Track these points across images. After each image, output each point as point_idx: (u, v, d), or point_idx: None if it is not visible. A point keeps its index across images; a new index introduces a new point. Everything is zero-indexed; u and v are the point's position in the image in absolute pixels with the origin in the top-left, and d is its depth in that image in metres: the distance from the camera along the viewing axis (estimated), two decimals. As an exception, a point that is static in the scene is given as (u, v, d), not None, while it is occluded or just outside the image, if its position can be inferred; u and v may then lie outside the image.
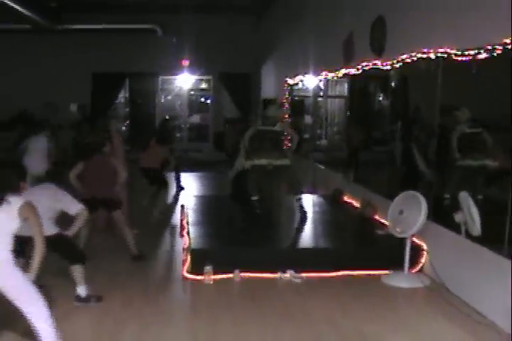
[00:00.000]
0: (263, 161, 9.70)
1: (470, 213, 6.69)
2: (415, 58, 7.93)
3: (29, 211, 4.75)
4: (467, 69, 6.78)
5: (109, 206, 8.32)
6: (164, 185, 11.83)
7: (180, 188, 14.37)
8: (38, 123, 13.83)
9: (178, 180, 14.40)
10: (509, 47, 5.78)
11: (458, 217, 6.92)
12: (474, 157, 7.46)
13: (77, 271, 6.51)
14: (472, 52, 6.44)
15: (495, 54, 5.99)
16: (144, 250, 8.57)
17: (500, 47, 5.90)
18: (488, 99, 6.97)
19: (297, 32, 15.56)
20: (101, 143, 8.64)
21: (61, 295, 6.53)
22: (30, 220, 4.75)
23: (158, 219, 11.07)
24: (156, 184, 11.63)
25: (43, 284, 5.88)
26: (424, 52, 7.66)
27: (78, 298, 6.54)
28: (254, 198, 9.86)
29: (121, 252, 8.40)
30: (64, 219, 6.66)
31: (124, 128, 22.75)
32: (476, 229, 6.62)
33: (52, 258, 5.66)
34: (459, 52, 6.77)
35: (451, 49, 6.97)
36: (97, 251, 8.32)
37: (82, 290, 6.53)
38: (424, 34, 7.94)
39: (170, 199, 13.35)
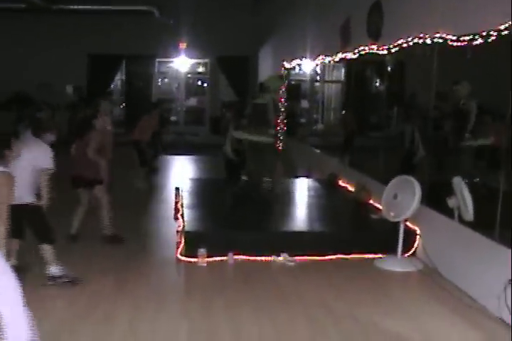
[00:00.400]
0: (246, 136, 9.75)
1: (463, 198, 6.73)
2: (411, 43, 7.94)
3: (3, 182, 4.70)
4: (463, 55, 6.80)
5: (92, 183, 8.25)
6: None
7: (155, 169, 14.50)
8: (36, 104, 13.89)
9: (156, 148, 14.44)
10: (504, 33, 5.80)
11: (451, 202, 6.97)
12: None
13: (47, 250, 6.54)
14: (467, 38, 6.44)
15: (490, 40, 6.00)
16: (136, 232, 8.62)
17: (495, 33, 5.91)
18: (484, 84, 7.00)
19: (295, 16, 15.52)
20: (90, 116, 8.55)
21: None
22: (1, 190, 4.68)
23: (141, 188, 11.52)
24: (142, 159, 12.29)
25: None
26: (420, 37, 7.67)
27: (50, 278, 6.56)
28: (244, 178, 9.89)
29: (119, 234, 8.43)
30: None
31: (119, 109, 22.72)
32: (469, 214, 6.66)
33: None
34: (455, 38, 6.78)
35: (448, 34, 6.98)
36: (94, 233, 8.35)
37: (53, 270, 6.56)
38: (421, 19, 7.94)
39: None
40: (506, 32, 5.76)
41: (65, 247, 7.56)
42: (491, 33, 5.99)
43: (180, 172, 14.35)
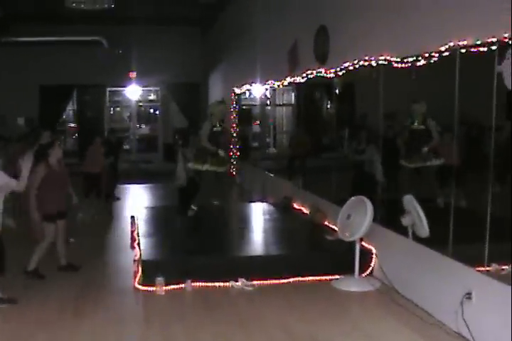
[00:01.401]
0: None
1: (418, 214, 6.82)
2: (357, 66, 8.09)
3: None
4: (407, 76, 6.97)
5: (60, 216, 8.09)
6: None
7: (116, 198, 14.42)
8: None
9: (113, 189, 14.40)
10: (444, 54, 5.98)
11: (405, 220, 7.06)
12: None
13: None
14: (411, 59, 6.61)
15: (432, 61, 6.17)
16: (93, 262, 8.54)
17: (437, 55, 6.09)
18: (430, 103, 7.16)
19: (243, 42, 15.69)
20: (46, 145, 8.39)
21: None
22: None
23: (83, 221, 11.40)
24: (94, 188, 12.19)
25: None
26: (365, 60, 7.83)
27: None
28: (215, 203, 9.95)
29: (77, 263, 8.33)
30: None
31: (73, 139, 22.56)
32: (425, 230, 6.75)
33: None
34: (399, 60, 6.95)
35: (392, 56, 7.14)
36: (51, 261, 8.23)
37: None
38: (366, 42, 8.12)
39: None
40: (447, 53, 5.94)
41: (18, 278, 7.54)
42: (433, 54, 6.17)
43: (136, 201, 14.26)
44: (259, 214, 11.33)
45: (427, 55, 6.31)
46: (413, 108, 7.53)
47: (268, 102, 14.48)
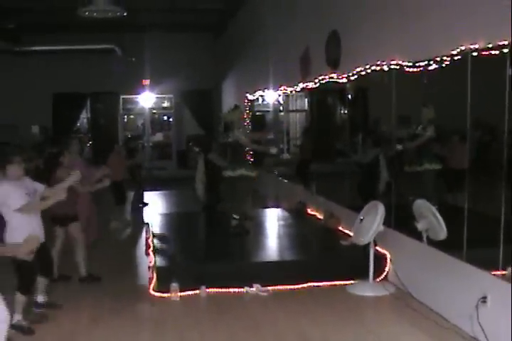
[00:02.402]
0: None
1: (435, 217, 6.79)
2: (369, 70, 8.10)
3: None
4: (419, 80, 6.97)
5: (66, 220, 8.10)
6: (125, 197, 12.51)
7: (144, 204, 14.49)
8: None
9: (141, 196, 14.54)
10: (456, 58, 5.98)
11: (421, 225, 7.01)
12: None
13: (19, 299, 6.38)
14: (423, 64, 6.62)
15: (444, 65, 6.17)
16: (110, 269, 8.57)
17: (448, 59, 6.09)
18: (442, 106, 7.15)
19: (255, 48, 15.73)
20: (57, 153, 8.44)
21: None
22: None
23: (116, 229, 11.54)
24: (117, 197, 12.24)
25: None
26: (377, 65, 7.83)
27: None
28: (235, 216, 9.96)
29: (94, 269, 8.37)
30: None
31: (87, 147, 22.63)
32: (443, 232, 6.72)
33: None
34: (410, 64, 6.95)
35: (403, 61, 7.15)
36: (69, 268, 8.28)
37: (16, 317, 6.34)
38: (378, 47, 8.12)
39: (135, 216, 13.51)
40: (458, 57, 5.94)
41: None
42: (444, 58, 6.17)
43: (150, 208, 14.31)
44: (273, 219, 11.34)
45: (438, 58, 6.31)
46: (423, 111, 7.54)
47: (281, 108, 14.48)
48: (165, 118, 24.79)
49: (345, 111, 10.36)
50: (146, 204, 14.60)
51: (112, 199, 12.30)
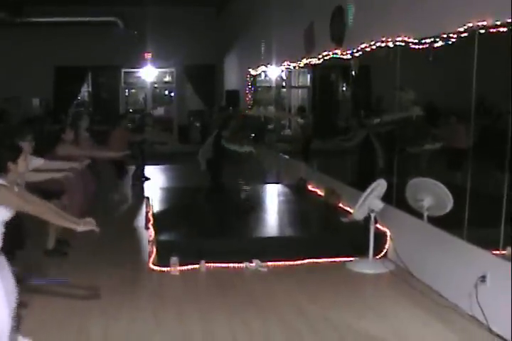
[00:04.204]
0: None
1: (444, 191, 6.79)
2: (374, 47, 8.03)
3: (4, 196, 4.34)
4: (424, 57, 6.91)
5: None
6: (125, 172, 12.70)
7: (145, 179, 14.49)
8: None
9: (142, 171, 14.53)
10: (463, 35, 5.92)
11: (426, 203, 7.01)
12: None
13: None
14: (428, 41, 6.55)
15: (450, 42, 6.11)
16: (109, 242, 8.59)
17: (455, 36, 6.03)
18: (447, 85, 7.10)
19: (259, 23, 15.59)
20: (58, 130, 8.41)
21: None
22: (11, 206, 4.40)
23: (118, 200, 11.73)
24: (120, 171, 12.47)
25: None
26: (382, 41, 7.76)
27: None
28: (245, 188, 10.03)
29: (91, 243, 8.38)
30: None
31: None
32: (451, 203, 6.73)
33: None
34: (416, 41, 6.88)
35: (409, 37, 7.08)
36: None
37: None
38: (383, 23, 8.03)
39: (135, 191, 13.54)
40: (465, 34, 5.87)
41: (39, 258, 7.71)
42: (451, 35, 6.10)
43: (150, 182, 14.31)
44: (274, 195, 11.34)
45: (445, 36, 6.24)
46: (398, 95, 7.56)
47: (284, 84, 14.41)
48: (166, 92, 24.70)
49: (348, 89, 10.31)
50: (148, 178, 14.60)
51: (112, 173, 12.33)
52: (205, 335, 5.63)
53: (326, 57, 10.09)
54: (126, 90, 24.12)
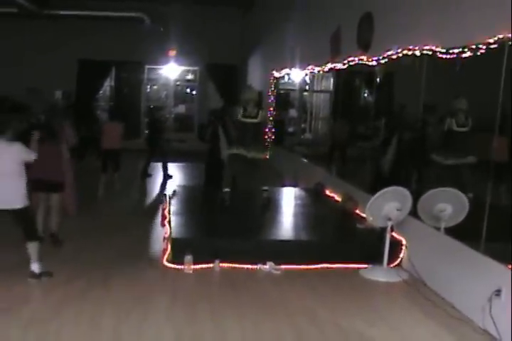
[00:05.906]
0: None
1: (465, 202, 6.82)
2: (401, 55, 8.00)
3: None
4: (451, 67, 6.87)
5: (51, 188, 8.18)
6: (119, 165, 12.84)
7: (168, 177, 14.51)
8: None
9: (165, 168, 14.57)
10: (492, 46, 5.87)
11: (446, 214, 6.99)
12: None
13: (33, 247, 6.77)
14: (456, 51, 6.51)
15: (479, 53, 6.07)
16: (124, 238, 8.60)
17: (484, 47, 5.99)
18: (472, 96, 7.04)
19: (285, 25, 15.58)
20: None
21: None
22: None
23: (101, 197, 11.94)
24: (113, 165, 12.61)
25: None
26: (409, 49, 7.73)
27: (32, 274, 6.76)
28: (226, 190, 9.97)
29: (107, 239, 8.41)
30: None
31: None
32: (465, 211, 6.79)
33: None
34: (444, 50, 6.85)
35: (437, 47, 7.04)
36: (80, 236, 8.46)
37: (35, 267, 6.78)
38: (411, 31, 8.00)
39: (158, 188, 13.64)
40: (495, 45, 5.83)
41: (53, 252, 7.77)
42: (480, 46, 6.06)
43: (172, 178, 14.39)
44: (291, 198, 11.32)
45: (473, 46, 6.20)
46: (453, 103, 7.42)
47: (307, 88, 14.40)
48: (188, 90, 24.75)
49: (372, 95, 10.27)
50: (171, 176, 14.63)
51: (108, 166, 12.63)
52: (215, 335, 5.63)
53: (351, 63, 10.06)
54: (148, 86, 24.19)
